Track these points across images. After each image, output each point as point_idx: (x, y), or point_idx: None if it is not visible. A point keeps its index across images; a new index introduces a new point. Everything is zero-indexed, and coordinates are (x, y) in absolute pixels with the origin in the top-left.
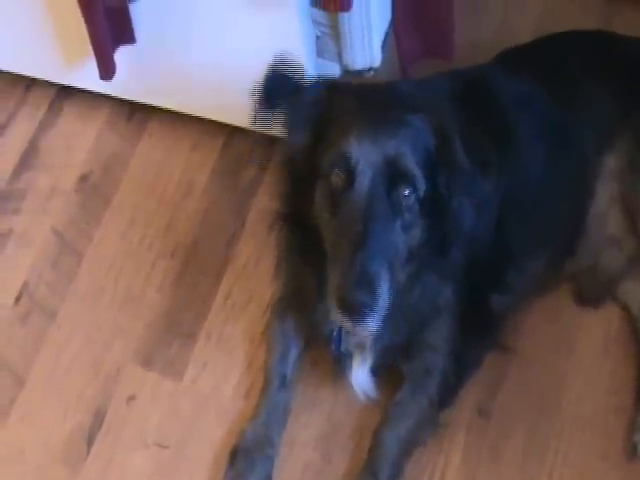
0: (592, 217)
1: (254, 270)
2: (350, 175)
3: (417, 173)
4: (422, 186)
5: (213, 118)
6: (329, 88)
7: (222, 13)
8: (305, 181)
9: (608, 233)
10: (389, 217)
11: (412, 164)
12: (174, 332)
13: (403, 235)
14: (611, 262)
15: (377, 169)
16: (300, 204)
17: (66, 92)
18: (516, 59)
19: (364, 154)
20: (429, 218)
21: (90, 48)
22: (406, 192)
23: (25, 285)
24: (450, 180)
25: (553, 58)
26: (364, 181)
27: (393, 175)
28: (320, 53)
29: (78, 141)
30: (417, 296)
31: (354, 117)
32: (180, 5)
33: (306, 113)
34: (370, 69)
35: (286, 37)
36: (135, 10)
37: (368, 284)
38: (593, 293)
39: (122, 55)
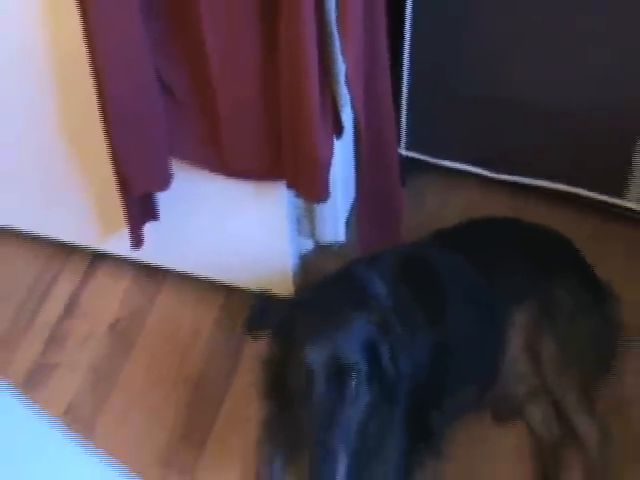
0: (506, 360)
1: (250, 397)
2: (309, 378)
3: (360, 361)
4: (364, 369)
5: (215, 279)
6: (292, 305)
7: (225, 202)
8: (281, 377)
9: (517, 372)
10: (342, 403)
11: (356, 356)
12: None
13: (355, 408)
14: (519, 392)
15: (328, 369)
16: (279, 393)
17: (99, 257)
18: (448, 237)
19: (316, 360)
20: (376, 381)
21: (119, 222)
22: (352, 378)
23: (69, 408)
24: (389, 356)
25: (476, 238)
26: (320, 382)
27: (341, 368)
28: (298, 232)
29: (109, 296)
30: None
31: (308, 329)
32: (192, 195)
33: (277, 329)
34: (337, 242)
35: (276, 222)
36: (159, 195)
37: (332, 462)
38: (506, 414)
39: (146, 228)
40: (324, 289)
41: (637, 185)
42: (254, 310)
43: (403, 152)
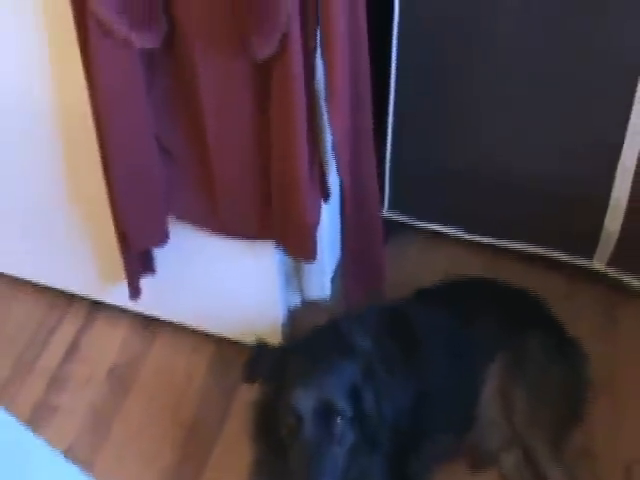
0: (481, 406)
1: (241, 440)
2: (298, 419)
3: (345, 406)
4: (349, 413)
5: (208, 329)
6: (283, 352)
7: (218, 258)
8: (270, 420)
9: (491, 418)
10: (329, 442)
11: (341, 400)
12: None
13: (340, 448)
14: (493, 441)
15: (316, 411)
16: (269, 435)
17: (98, 305)
18: (429, 295)
19: (305, 403)
20: (358, 425)
21: (118, 274)
22: (338, 421)
23: (70, 448)
24: (373, 401)
25: (455, 296)
26: (308, 423)
27: (328, 411)
28: (286, 287)
29: (108, 343)
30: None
31: (297, 374)
32: (187, 250)
33: (269, 372)
34: (322, 299)
35: (267, 276)
36: (156, 250)
37: None
38: (481, 461)
39: (143, 280)
40: (313, 339)
41: (604, 249)
42: (251, 358)
43: (386, 214)
